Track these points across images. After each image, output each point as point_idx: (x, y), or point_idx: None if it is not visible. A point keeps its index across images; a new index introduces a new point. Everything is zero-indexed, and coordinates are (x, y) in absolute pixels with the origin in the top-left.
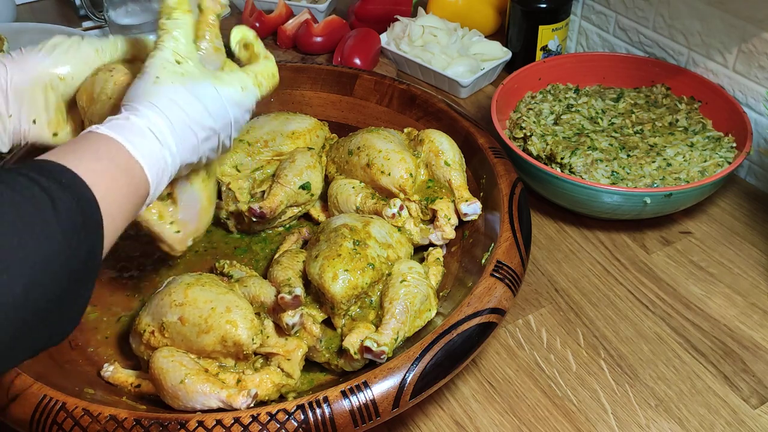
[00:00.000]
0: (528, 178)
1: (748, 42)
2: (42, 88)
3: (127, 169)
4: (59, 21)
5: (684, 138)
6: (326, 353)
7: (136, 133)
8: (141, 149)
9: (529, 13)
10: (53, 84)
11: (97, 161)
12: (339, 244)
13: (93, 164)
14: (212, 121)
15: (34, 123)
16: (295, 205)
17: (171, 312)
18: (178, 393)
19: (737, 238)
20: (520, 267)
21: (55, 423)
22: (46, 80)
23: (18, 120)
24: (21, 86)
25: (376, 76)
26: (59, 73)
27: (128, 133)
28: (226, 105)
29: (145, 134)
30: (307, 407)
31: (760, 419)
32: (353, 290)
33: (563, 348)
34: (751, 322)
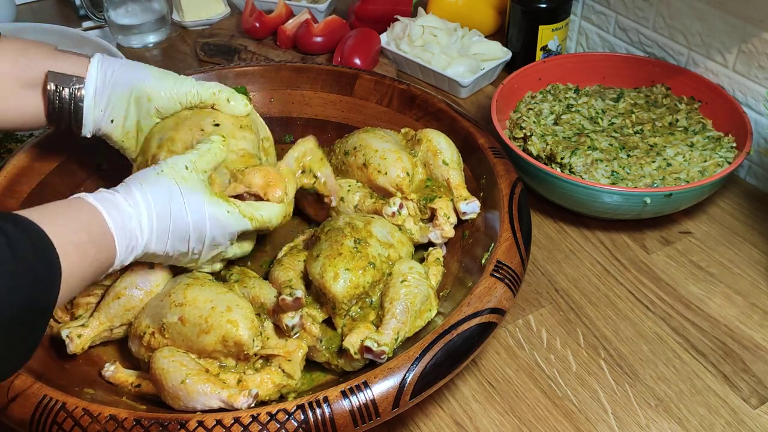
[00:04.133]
0: (528, 178)
1: (748, 42)
2: (130, 97)
3: (98, 234)
4: (59, 21)
5: (684, 138)
6: (326, 353)
7: (117, 208)
8: (116, 221)
9: (529, 13)
10: (140, 99)
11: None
12: (340, 242)
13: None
14: (189, 227)
15: (111, 122)
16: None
17: (171, 312)
18: (179, 393)
19: (737, 238)
20: (520, 267)
21: (55, 423)
22: (137, 93)
23: (102, 115)
24: (117, 88)
25: (376, 76)
26: (148, 89)
27: (110, 206)
28: (206, 220)
29: (124, 211)
30: (307, 407)
31: (760, 419)
32: (354, 289)
33: (563, 348)
34: (751, 322)
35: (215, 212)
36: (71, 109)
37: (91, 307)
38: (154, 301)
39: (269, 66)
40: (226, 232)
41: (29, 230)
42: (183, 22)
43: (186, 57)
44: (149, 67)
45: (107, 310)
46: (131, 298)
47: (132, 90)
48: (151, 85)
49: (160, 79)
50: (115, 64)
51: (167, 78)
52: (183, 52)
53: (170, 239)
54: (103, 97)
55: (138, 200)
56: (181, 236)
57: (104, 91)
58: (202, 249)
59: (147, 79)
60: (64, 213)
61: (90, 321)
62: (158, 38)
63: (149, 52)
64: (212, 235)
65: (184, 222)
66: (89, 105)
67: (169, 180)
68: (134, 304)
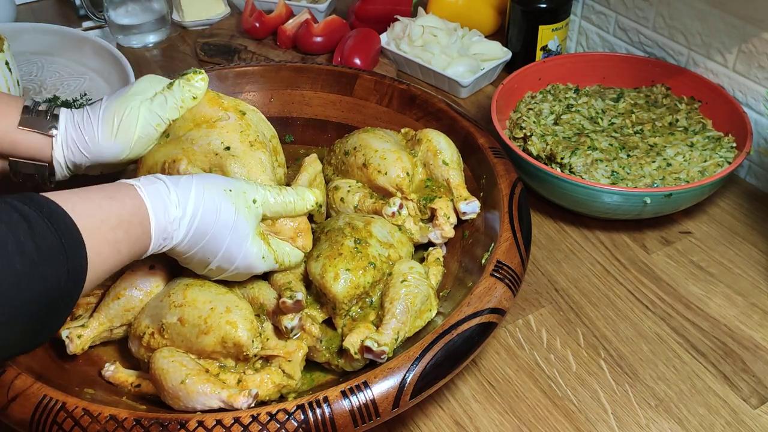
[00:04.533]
0: (528, 178)
1: (748, 42)
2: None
3: (136, 230)
4: (59, 21)
5: (684, 138)
6: (326, 353)
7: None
8: (159, 222)
9: (529, 13)
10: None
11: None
12: (340, 243)
13: (98, 216)
14: (221, 251)
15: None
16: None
17: (170, 313)
18: (179, 393)
19: (737, 238)
20: (520, 267)
21: (55, 423)
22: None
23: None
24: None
25: (376, 76)
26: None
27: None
28: (241, 254)
29: (170, 213)
30: (307, 407)
31: (760, 419)
32: (355, 290)
33: (563, 348)
34: (751, 322)
35: (251, 252)
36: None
37: (91, 307)
38: (154, 302)
39: (269, 66)
40: (251, 270)
41: (53, 215)
42: (183, 22)
43: (186, 57)
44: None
45: (107, 311)
46: (131, 298)
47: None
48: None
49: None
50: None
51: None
52: (183, 52)
53: (199, 251)
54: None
55: (189, 202)
56: (209, 253)
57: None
58: (220, 273)
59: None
60: (106, 203)
61: (90, 321)
62: (158, 38)
63: (149, 52)
64: (238, 267)
65: (219, 244)
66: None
67: (232, 204)
68: (134, 305)
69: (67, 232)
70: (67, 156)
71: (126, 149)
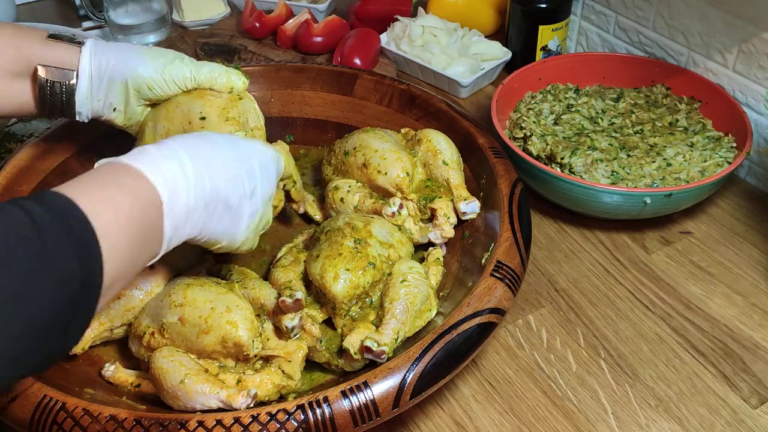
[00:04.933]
0: (528, 178)
1: (748, 42)
2: (128, 86)
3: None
4: (59, 21)
5: (684, 138)
6: (326, 353)
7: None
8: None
9: (529, 13)
10: (140, 88)
11: (102, 189)
12: (340, 243)
13: (98, 192)
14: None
15: (114, 111)
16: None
17: (171, 313)
18: (178, 393)
19: (737, 238)
20: (520, 267)
21: (55, 423)
22: (135, 82)
23: (102, 104)
24: (115, 78)
25: (376, 76)
26: (147, 78)
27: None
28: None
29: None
30: (307, 407)
31: (760, 419)
32: (354, 290)
33: (563, 348)
34: (751, 322)
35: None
36: (63, 100)
37: None
38: (154, 302)
39: (269, 66)
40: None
41: (58, 207)
42: (183, 22)
43: None
44: (143, 51)
45: (107, 311)
46: (131, 298)
47: (130, 79)
48: (148, 74)
49: (156, 66)
50: (109, 52)
51: (163, 62)
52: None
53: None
54: (101, 88)
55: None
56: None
57: (101, 82)
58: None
59: (143, 67)
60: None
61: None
62: (158, 38)
63: None
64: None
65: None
66: (84, 96)
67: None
68: (134, 304)
69: (81, 231)
70: (94, 63)
71: (155, 72)
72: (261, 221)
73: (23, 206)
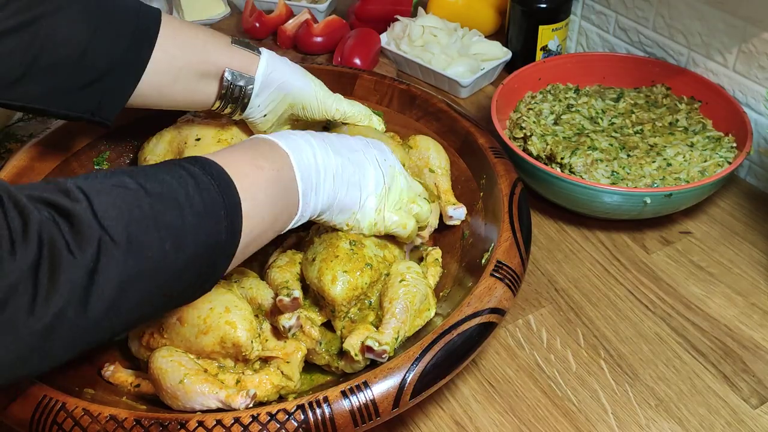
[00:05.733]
0: (528, 178)
1: (748, 42)
2: (287, 101)
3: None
4: None
5: (684, 138)
6: (326, 356)
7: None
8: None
9: (529, 13)
10: (295, 105)
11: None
12: (335, 245)
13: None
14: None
15: (264, 117)
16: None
17: (170, 313)
18: (177, 393)
19: (737, 238)
20: (520, 267)
21: (55, 423)
22: (296, 98)
23: (257, 109)
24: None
25: (376, 76)
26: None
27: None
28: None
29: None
30: (307, 407)
31: (760, 419)
32: (353, 291)
33: (563, 348)
34: (751, 322)
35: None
36: (240, 102)
37: None
38: None
39: None
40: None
41: (215, 174)
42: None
43: None
44: (309, 75)
45: None
46: None
47: (292, 96)
48: (309, 97)
49: (317, 92)
50: (281, 66)
51: (321, 92)
52: None
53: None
54: (264, 95)
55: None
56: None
57: (267, 90)
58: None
59: (307, 89)
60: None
61: None
62: None
63: None
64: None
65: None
66: (253, 100)
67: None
68: None
69: (227, 190)
70: (267, 72)
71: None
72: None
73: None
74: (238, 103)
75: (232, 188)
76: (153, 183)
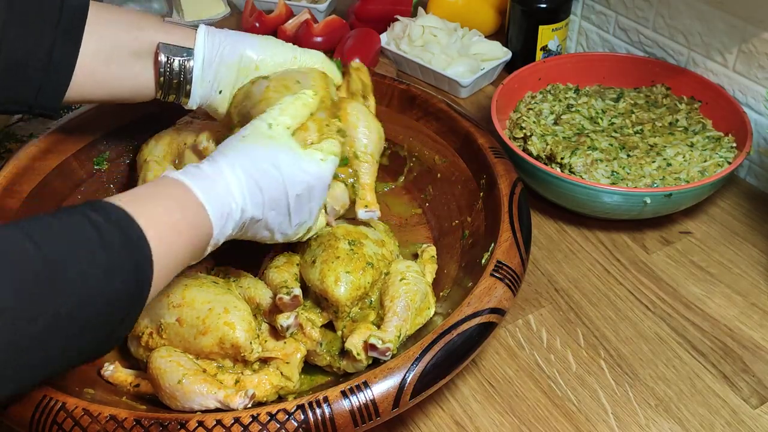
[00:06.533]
0: (528, 178)
1: (748, 42)
2: (238, 68)
3: (191, 211)
4: None
5: (684, 138)
6: (327, 356)
7: (204, 178)
8: (205, 191)
9: (529, 13)
10: (247, 69)
11: (155, 201)
12: (335, 246)
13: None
14: (284, 186)
15: (219, 93)
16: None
17: (169, 313)
18: (176, 393)
19: (737, 238)
20: (520, 267)
21: (55, 423)
22: (244, 63)
23: (210, 87)
24: (225, 59)
25: (376, 76)
26: (256, 59)
27: (197, 178)
28: (299, 172)
29: (211, 178)
30: (307, 407)
31: (760, 419)
32: (357, 291)
33: (563, 348)
34: (751, 322)
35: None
36: (181, 79)
37: None
38: (153, 302)
39: None
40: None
41: (121, 221)
42: (183, 22)
43: None
44: (252, 35)
45: None
46: None
47: (240, 60)
48: (258, 54)
49: (265, 47)
50: (220, 35)
51: (272, 45)
52: None
53: (265, 200)
54: (211, 68)
55: (223, 168)
56: (276, 196)
57: (212, 62)
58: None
59: (254, 48)
60: (154, 195)
61: None
62: None
63: None
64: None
65: (276, 180)
66: (197, 76)
67: (252, 143)
68: None
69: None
70: (207, 44)
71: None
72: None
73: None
74: (181, 82)
75: (142, 237)
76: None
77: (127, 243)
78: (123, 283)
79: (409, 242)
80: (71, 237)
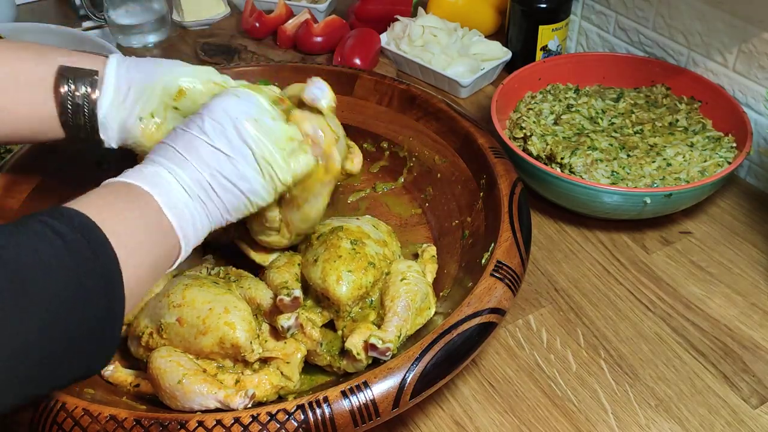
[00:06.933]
0: (528, 178)
1: (748, 42)
2: (162, 90)
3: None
4: (59, 21)
5: (684, 138)
6: (328, 356)
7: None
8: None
9: (529, 13)
10: (172, 93)
11: (110, 204)
12: (337, 245)
13: (106, 208)
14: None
15: (141, 120)
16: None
17: (169, 313)
18: (176, 393)
19: (737, 238)
20: (520, 267)
21: (55, 423)
22: (169, 86)
23: (128, 113)
24: (145, 82)
25: (376, 76)
26: (183, 84)
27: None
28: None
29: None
30: (307, 407)
31: (760, 419)
32: (358, 290)
33: (563, 348)
34: (751, 322)
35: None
36: (85, 110)
37: None
38: (153, 302)
39: (269, 66)
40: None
41: (85, 228)
42: (183, 22)
43: (186, 57)
44: (175, 61)
45: None
46: None
47: (164, 84)
48: (184, 78)
49: (189, 70)
50: (139, 62)
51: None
52: (183, 52)
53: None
54: (129, 94)
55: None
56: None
57: (129, 87)
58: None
59: (178, 72)
60: (114, 201)
61: None
62: (158, 38)
63: (149, 52)
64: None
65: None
66: (109, 104)
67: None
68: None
69: (99, 242)
70: (121, 70)
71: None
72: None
73: (53, 228)
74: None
75: (108, 247)
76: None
77: (96, 254)
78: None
79: (409, 242)
80: (36, 246)
